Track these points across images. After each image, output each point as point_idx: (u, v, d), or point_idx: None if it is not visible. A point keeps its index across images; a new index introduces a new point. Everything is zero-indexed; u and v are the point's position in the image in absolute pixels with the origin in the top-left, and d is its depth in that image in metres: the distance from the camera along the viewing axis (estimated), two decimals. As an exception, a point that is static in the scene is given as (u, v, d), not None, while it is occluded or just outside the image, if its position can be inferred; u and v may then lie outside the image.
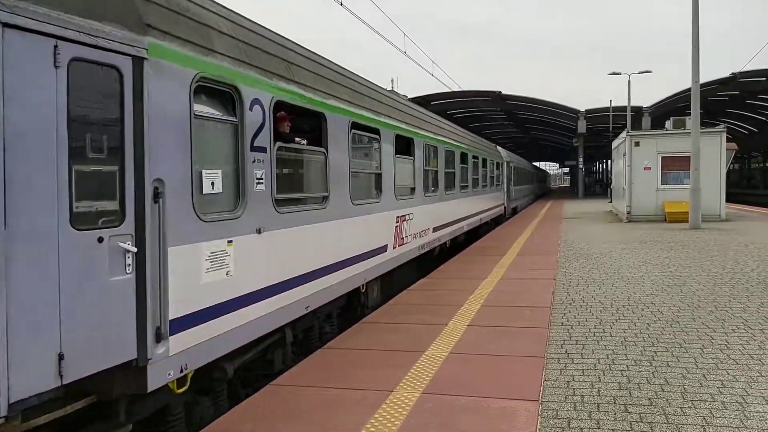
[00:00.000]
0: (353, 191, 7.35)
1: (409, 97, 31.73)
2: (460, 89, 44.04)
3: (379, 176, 8.52)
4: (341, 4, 13.90)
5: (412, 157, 10.26)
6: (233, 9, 5.47)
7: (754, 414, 4.17)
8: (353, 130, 7.42)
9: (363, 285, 7.83)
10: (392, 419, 4.17)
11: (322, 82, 6.60)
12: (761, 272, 10.07)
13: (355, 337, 6.42)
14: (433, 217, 11.80)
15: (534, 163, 72.21)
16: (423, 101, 43.66)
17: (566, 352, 5.78)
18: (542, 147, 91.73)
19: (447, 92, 44.51)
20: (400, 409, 4.34)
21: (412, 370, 5.21)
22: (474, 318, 7.12)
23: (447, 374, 5.10)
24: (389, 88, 16.74)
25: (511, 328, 6.60)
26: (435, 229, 11.93)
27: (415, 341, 6.16)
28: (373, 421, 4.15)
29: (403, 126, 9.84)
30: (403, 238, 9.52)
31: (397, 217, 9.27)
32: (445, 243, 13.04)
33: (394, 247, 9.11)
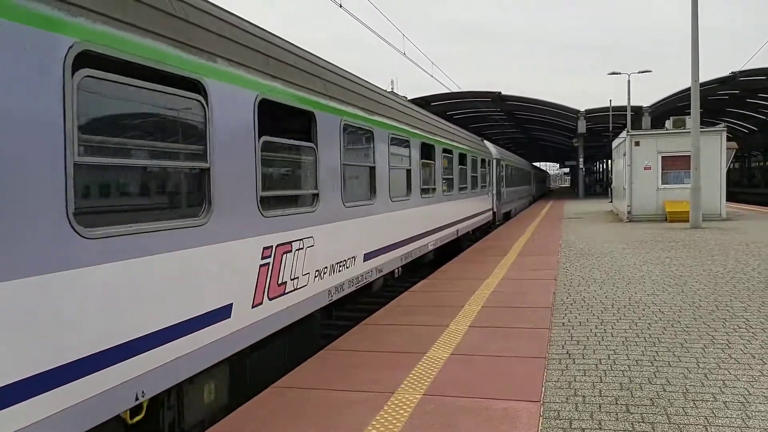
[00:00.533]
0: (93, 205, 3.87)
1: (409, 98, 31.65)
2: (460, 90, 44.10)
3: (202, 175, 4.51)
4: (340, 6, 13.92)
5: (312, 144, 6.31)
6: None
7: (756, 413, 4.17)
8: (86, 71, 3.38)
9: (138, 404, 3.77)
10: (394, 421, 4.17)
11: None
12: (762, 271, 10.07)
13: (356, 339, 6.42)
14: (365, 238, 7.91)
15: (534, 164, 71.91)
16: (423, 102, 43.71)
17: (567, 352, 5.78)
18: (542, 147, 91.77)
19: (447, 93, 44.60)
20: (401, 411, 4.35)
21: (414, 372, 5.21)
22: (475, 319, 7.12)
23: (448, 375, 5.10)
24: (389, 89, 16.54)
25: (513, 329, 6.60)
26: (369, 256, 8.08)
27: (417, 342, 6.16)
28: (374, 422, 4.15)
29: (286, 88, 5.75)
30: (283, 284, 5.66)
31: (269, 247, 5.40)
32: (392, 272, 9.44)
33: (258, 304, 5.18)
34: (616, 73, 42.21)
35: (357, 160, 7.80)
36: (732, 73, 41.06)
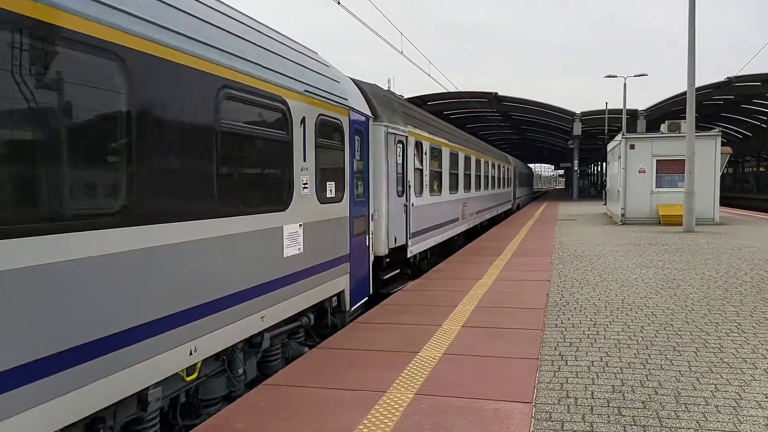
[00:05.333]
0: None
1: (405, 97, 31.56)
2: (457, 89, 44.07)
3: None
4: (338, 3, 13.87)
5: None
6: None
7: (747, 418, 4.17)
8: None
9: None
10: (385, 420, 4.15)
11: None
12: (754, 276, 10.10)
13: (348, 337, 6.39)
14: None
15: (527, 163, 71.79)
16: (420, 101, 43.71)
17: (560, 354, 5.77)
18: (538, 149, 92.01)
19: (444, 93, 44.56)
20: (393, 410, 4.32)
21: (406, 371, 5.19)
22: (468, 319, 7.10)
23: (441, 375, 5.08)
24: (386, 88, 16.41)
25: (505, 330, 6.59)
26: None
27: (409, 342, 6.14)
28: (365, 422, 4.13)
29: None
30: None
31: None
32: None
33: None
34: (613, 76, 42.29)
35: None
36: (727, 78, 41.23)
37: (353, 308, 7.74)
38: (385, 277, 9.68)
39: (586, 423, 4.13)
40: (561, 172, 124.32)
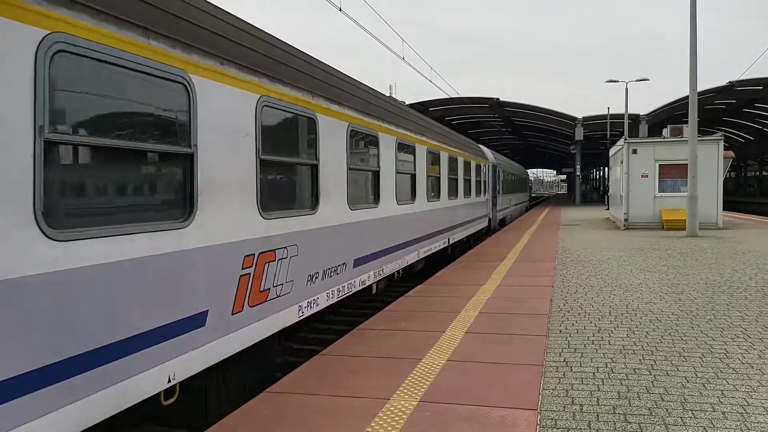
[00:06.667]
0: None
1: (407, 103, 31.60)
2: (458, 95, 44.10)
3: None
4: (340, 9, 13.91)
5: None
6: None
7: (755, 424, 4.12)
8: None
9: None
10: (389, 428, 4.11)
11: None
12: (759, 280, 10.05)
13: (352, 344, 6.36)
14: None
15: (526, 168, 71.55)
16: (422, 107, 43.77)
17: (565, 360, 5.73)
18: (540, 154, 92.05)
19: (445, 98, 44.61)
20: (397, 418, 4.28)
21: (410, 378, 5.15)
22: (472, 325, 7.06)
23: (445, 382, 5.04)
24: (387, 94, 16.33)
25: (509, 336, 6.55)
26: None
27: (413, 348, 6.10)
28: (369, 430, 4.09)
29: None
30: None
31: None
32: None
33: None
34: (614, 81, 42.30)
35: None
36: (729, 82, 41.23)
37: None
38: None
39: (592, 430, 4.09)
40: (563, 177, 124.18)
